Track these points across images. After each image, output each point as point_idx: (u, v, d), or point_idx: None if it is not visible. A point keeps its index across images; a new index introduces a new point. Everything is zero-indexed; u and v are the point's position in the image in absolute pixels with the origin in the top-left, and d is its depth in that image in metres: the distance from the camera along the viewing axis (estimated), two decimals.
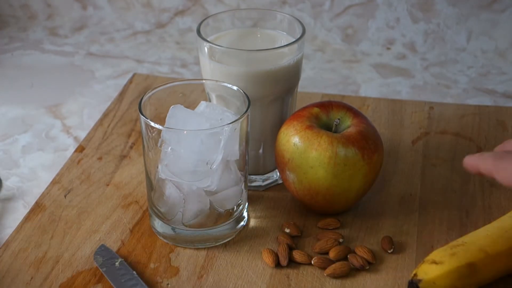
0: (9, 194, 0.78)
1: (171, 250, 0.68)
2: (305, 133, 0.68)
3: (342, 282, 0.65)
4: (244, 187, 0.69)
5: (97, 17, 1.18)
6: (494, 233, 0.62)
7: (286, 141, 0.69)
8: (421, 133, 0.86)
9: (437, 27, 1.10)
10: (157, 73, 1.04)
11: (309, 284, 0.65)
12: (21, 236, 0.70)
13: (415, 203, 0.74)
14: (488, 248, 0.61)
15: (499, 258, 0.61)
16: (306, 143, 0.68)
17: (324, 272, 0.65)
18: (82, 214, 0.73)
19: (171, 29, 1.16)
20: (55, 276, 0.65)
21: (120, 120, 0.88)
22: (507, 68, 1.04)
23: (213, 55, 0.71)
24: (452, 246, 0.62)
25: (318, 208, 0.71)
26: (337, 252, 0.67)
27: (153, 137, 0.65)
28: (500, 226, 0.63)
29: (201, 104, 0.68)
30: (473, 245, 0.61)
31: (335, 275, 0.65)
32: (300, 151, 0.68)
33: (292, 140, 0.69)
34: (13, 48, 1.11)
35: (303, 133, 0.69)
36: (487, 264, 0.60)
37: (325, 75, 1.03)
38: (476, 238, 0.62)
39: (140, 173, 0.79)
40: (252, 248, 0.69)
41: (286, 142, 0.69)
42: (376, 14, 1.11)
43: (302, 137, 0.68)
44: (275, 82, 0.71)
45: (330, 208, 0.71)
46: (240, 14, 0.77)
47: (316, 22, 1.12)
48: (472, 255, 0.60)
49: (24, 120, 0.92)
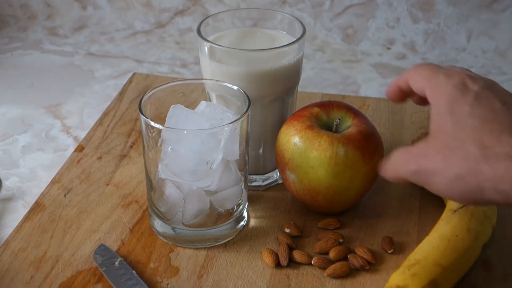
0: (9, 194, 0.78)
1: (171, 250, 0.68)
2: (306, 133, 0.68)
3: (342, 282, 0.65)
4: (244, 187, 0.69)
5: (97, 17, 1.17)
6: (440, 245, 0.63)
7: (287, 141, 0.69)
8: (421, 133, 0.86)
9: (437, 27, 1.10)
10: (157, 73, 1.04)
11: (309, 284, 0.65)
12: (21, 235, 0.70)
13: (415, 203, 0.74)
14: (442, 261, 0.62)
15: (453, 269, 0.62)
16: (307, 143, 0.68)
17: (324, 272, 0.65)
18: (82, 214, 0.73)
19: (171, 29, 1.16)
20: (55, 276, 0.65)
21: (120, 120, 0.88)
22: (507, 68, 1.04)
23: (213, 55, 0.71)
24: (409, 266, 0.61)
25: (318, 208, 0.71)
26: (337, 252, 0.67)
27: (153, 136, 0.65)
28: (441, 236, 0.64)
29: (201, 104, 0.68)
30: (427, 261, 0.62)
31: (335, 275, 0.65)
32: (301, 151, 0.68)
33: (292, 140, 0.69)
34: (13, 48, 1.11)
35: (304, 133, 0.68)
36: (446, 277, 0.61)
37: (325, 75, 1.03)
38: (426, 254, 0.62)
39: (140, 172, 0.79)
40: (252, 248, 0.69)
41: (287, 142, 0.69)
42: (376, 14, 1.11)
43: (303, 137, 0.68)
44: (275, 82, 0.71)
45: (330, 208, 0.71)
46: (240, 14, 0.77)
47: (316, 22, 1.12)
48: (431, 272, 0.61)
49: (24, 120, 0.92)
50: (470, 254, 0.64)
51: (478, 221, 0.66)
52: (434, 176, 0.55)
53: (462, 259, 0.63)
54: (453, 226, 0.65)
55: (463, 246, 0.63)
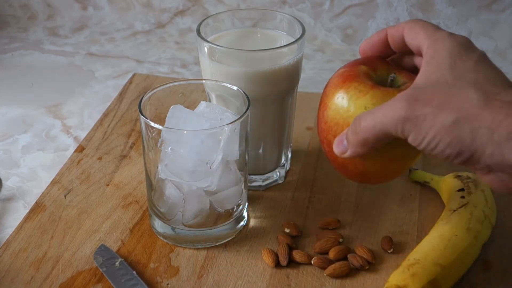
0: (9, 194, 0.78)
1: (171, 250, 0.68)
2: (375, 93, 0.58)
3: (342, 282, 0.65)
4: (244, 187, 0.69)
5: (97, 17, 1.18)
6: (439, 244, 0.63)
7: (352, 106, 0.58)
8: None
9: None
10: (157, 73, 1.04)
11: (309, 284, 0.65)
12: (21, 236, 0.70)
13: (415, 203, 0.74)
14: (441, 261, 0.62)
15: (453, 268, 0.62)
16: (380, 103, 0.56)
17: (324, 272, 0.65)
18: (82, 214, 0.73)
19: (171, 29, 1.16)
20: (55, 276, 0.65)
21: (120, 120, 0.88)
22: (507, 68, 1.04)
23: (213, 55, 0.71)
24: (408, 266, 0.62)
25: (380, 177, 0.62)
26: (337, 252, 0.67)
27: (153, 137, 0.65)
28: (441, 236, 0.64)
29: (201, 104, 0.68)
30: (427, 261, 0.62)
31: (335, 275, 0.65)
32: None
33: (361, 103, 0.58)
34: (13, 48, 1.11)
35: (372, 93, 0.58)
36: (445, 277, 0.61)
37: (325, 75, 1.03)
38: (425, 253, 0.63)
39: (140, 173, 0.79)
40: (252, 248, 0.69)
41: (352, 107, 0.58)
42: (376, 14, 1.11)
43: (374, 97, 0.58)
44: (275, 82, 0.71)
45: (394, 174, 0.62)
46: (240, 14, 0.77)
47: (316, 22, 1.12)
48: (431, 271, 0.61)
49: (24, 120, 0.92)
50: (470, 254, 0.64)
51: (478, 221, 0.66)
52: (424, 122, 0.50)
53: (462, 258, 0.63)
54: (453, 225, 0.65)
55: (463, 245, 0.63)
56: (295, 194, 0.76)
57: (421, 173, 0.77)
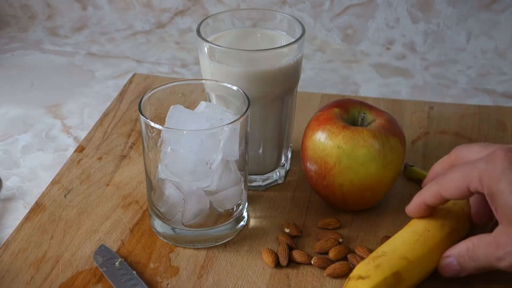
0: (9, 194, 0.78)
1: (171, 250, 0.68)
2: (346, 133, 0.68)
3: (342, 282, 0.65)
4: (244, 187, 0.69)
5: (97, 17, 1.18)
6: (410, 239, 0.63)
7: (327, 146, 0.68)
8: (421, 133, 0.86)
9: (437, 27, 1.10)
10: (157, 73, 1.04)
11: (309, 284, 0.65)
12: (21, 236, 0.70)
13: None
14: (408, 255, 0.62)
15: (420, 263, 0.62)
16: (352, 142, 0.67)
17: (324, 272, 0.65)
18: (82, 214, 0.73)
19: (171, 29, 1.16)
20: (55, 276, 0.65)
21: (120, 120, 0.88)
22: (507, 68, 1.04)
23: (213, 55, 0.71)
24: (374, 258, 0.61)
25: (360, 205, 0.72)
26: (337, 252, 0.67)
27: (153, 137, 0.65)
28: (414, 231, 0.64)
29: (201, 104, 0.68)
30: (394, 254, 0.62)
31: (335, 275, 0.65)
32: (348, 152, 0.67)
33: (334, 143, 0.68)
34: (13, 48, 1.11)
35: (344, 133, 0.68)
36: (410, 271, 0.61)
37: (325, 75, 1.03)
38: (394, 247, 0.62)
39: (140, 173, 0.79)
40: (252, 248, 0.69)
41: (327, 147, 0.68)
42: (376, 14, 1.11)
43: (345, 137, 0.67)
44: (275, 82, 0.71)
45: (373, 200, 0.72)
46: (240, 14, 0.77)
47: (316, 22, 1.12)
48: (395, 264, 0.61)
49: (24, 120, 0.92)
50: (442, 250, 0.63)
51: (455, 218, 0.66)
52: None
53: (431, 254, 0.63)
54: (427, 221, 0.65)
55: (433, 241, 0.63)
56: (295, 194, 0.76)
57: (416, 170, 0.77)
